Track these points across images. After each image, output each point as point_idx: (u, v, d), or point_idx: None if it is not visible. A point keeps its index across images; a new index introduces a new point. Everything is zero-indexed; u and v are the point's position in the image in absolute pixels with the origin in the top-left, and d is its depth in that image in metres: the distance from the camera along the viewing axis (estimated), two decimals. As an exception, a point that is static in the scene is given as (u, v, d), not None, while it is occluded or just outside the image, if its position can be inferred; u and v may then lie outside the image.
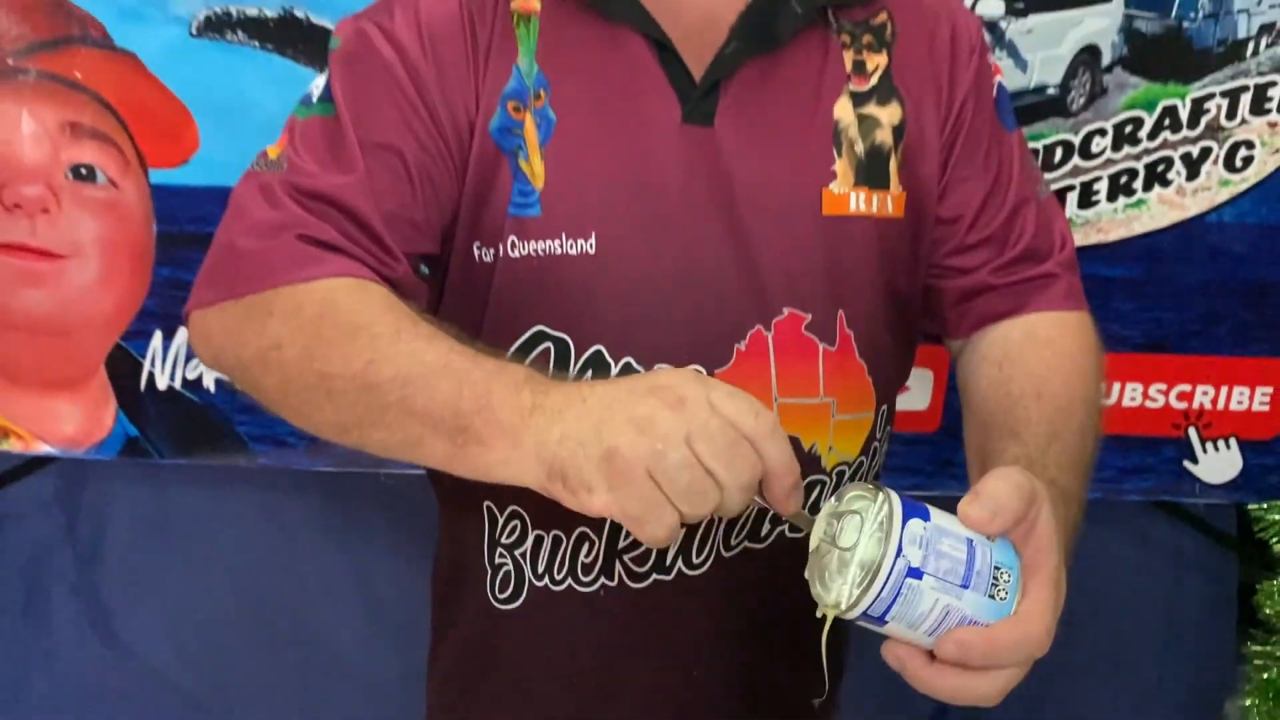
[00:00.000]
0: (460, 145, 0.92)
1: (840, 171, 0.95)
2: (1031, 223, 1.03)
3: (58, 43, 1.59)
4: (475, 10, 0.92)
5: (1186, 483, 1.85)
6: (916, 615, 0.68)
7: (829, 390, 0.97)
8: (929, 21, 1.00)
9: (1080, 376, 0.98)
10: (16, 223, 1.65)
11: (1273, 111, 1.66)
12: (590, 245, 0.92)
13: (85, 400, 1.75)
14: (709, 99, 0.93)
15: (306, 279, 0.85)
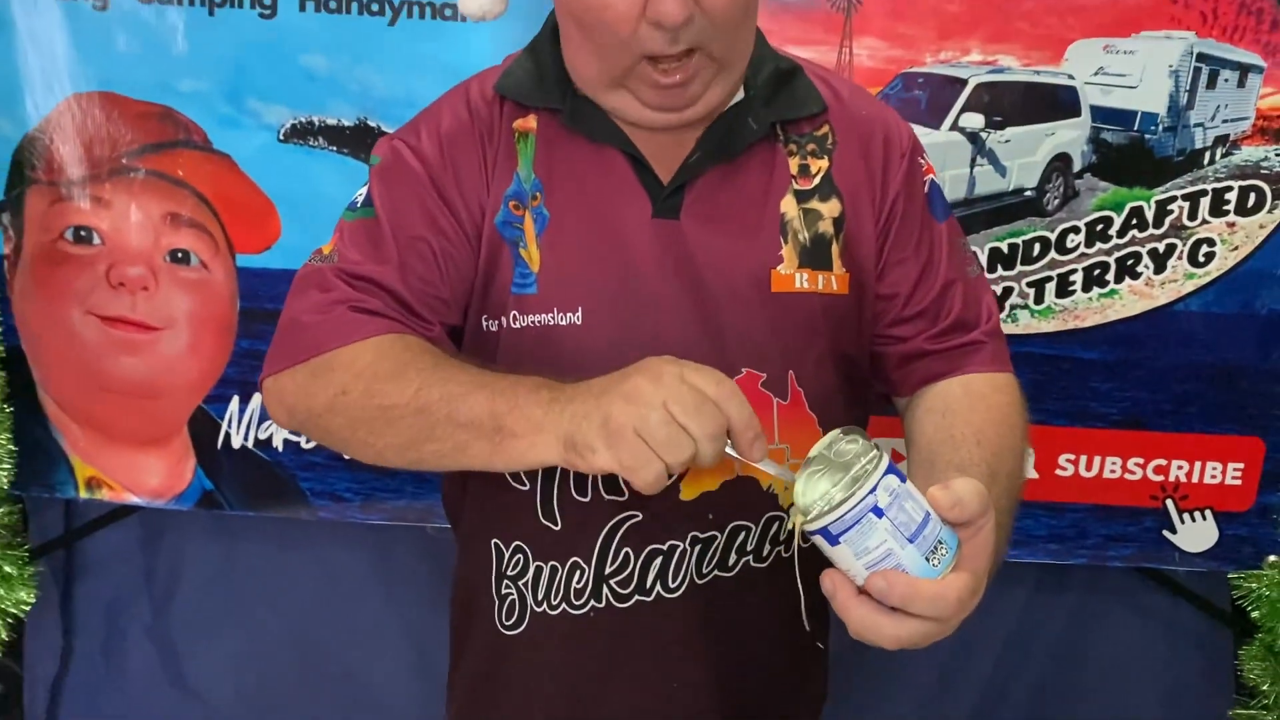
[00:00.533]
0: (474, 235, 1.08)
1: (786, 256, 1.10)
2: (959, 298, 1.16)
3: (165, 145, 1.84)
4: (484, 129, 1.10)
5: (1167, 551, 1.98)
6: (863, 547, 0.82)
7: (783, 438, 1.09)
8: (865, 131, 1.14)
9: (1010, 428, 1.11)
10: (120, 298, 1.88)
11: (1230, 213, 1.82)
12: (578, 317, 1.07)
13: (169, 456, 1.96)
14: (675, 197, 1.09)
15: (360, 338, 1.03)
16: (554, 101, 1.09)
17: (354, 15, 1.77)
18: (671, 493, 1.08)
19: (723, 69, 1.04)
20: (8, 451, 1.93)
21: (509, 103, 1.11)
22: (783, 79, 1.13)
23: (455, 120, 1.11)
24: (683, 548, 1.11)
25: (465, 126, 1.10)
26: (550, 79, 1.10)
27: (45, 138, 1.84)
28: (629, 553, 1.11)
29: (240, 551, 2.16)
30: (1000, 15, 1.74)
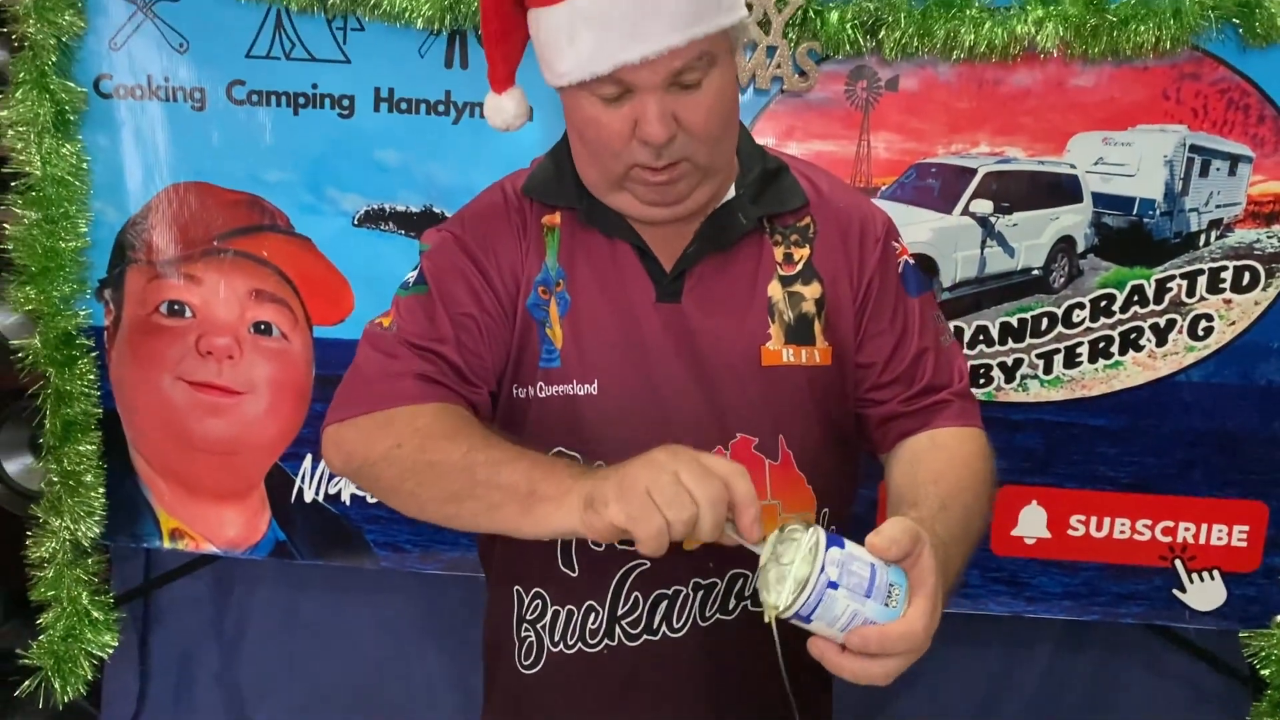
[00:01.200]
0: (511, 312, 1.22)
1: (774, 333, 1.23)
2: (931, 365, 1.28)
3: (252, 229, 2.03)
4: (519, 223, 1.25)
5: (1178, 609, 2.07)
6: (832, 616, 0.95)
7: (775, 494, 1.22)
8: (843, 221, 1.28)
9: (969, 470, 1.20)
10: (207, 365, 2.06)
11: (1226, 290, 1.95)
12: (594, 388, 1.21)
13: (246, 509, 2.11)
14: (677, 283, 1.23)
15: (421, 401, 1.16)
16: (572, 201, 1.24)
17: (422, 115, 1.96)
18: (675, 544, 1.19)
19: (707, 174, 1.19)
20: (101, 505, 2.11)
21: (536, 201, 1.26)
22: (769, 178, 1.27)
23: (494, 214, 1.26)
24: (686, 592, 1.24)
25: (502, 220, 1.25)
26: (568, 181, 1.25)
27: (145, 223, 2.03)
28: (638, 596, 1.24)
29: (304, 600, 2.30)
30: (1006, 111, 1.90)
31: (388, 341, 1.21)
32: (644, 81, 1.11)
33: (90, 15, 1.96)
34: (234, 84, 1.99)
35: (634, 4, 1.09)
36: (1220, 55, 1.86)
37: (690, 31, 1.10)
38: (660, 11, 1.08)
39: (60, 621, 2.13)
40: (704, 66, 1.13)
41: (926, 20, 1.84)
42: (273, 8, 1.94)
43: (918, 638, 0.98)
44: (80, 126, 2.00)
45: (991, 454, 1.28)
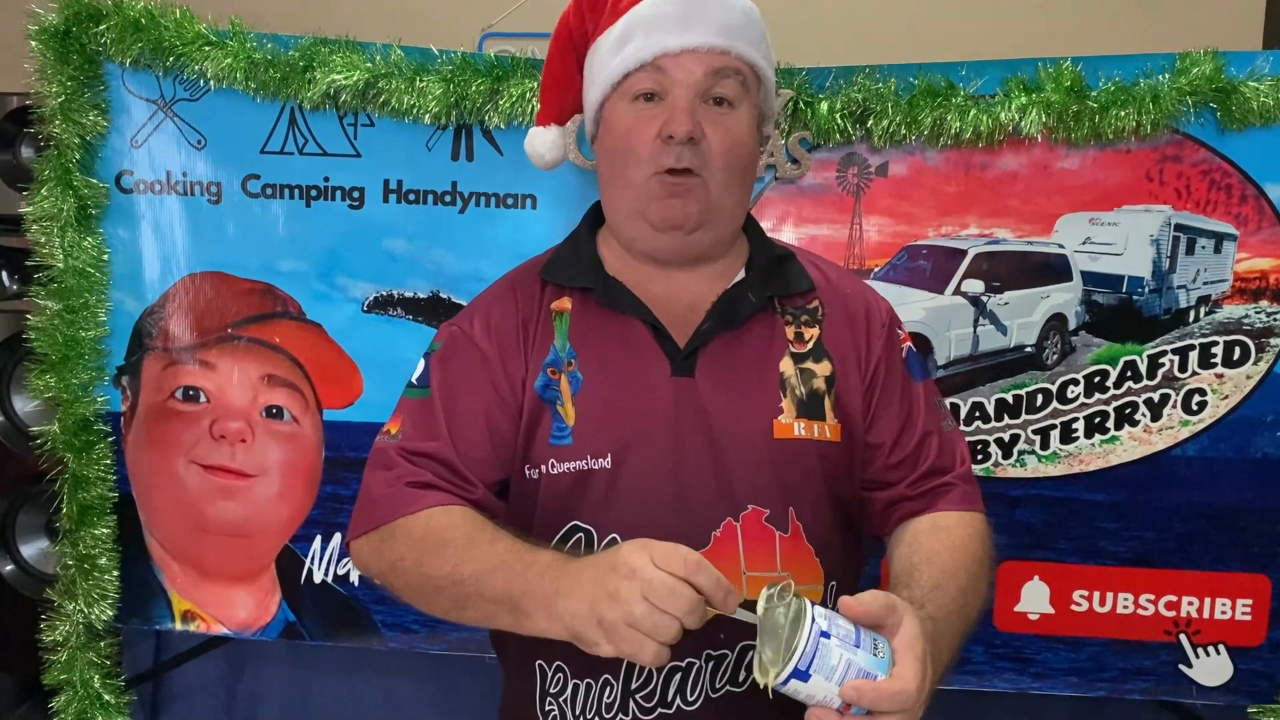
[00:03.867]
0: (515, 406, 1.26)
1: (785, 408, 1.26)
2: (935, 448, 1.32)
3: (265, 317, 2.09)
4: (526, 313, 1.30)
5: (1185, 685, 2.06)
6: (829, 667, 0.97)
7: (785, 566, 1.24)
8: (849, 306, 1.34)
9: (965, 552, 1.24)
10: (221, 449, 2.10)
11: (1218, 365, 1.98)
12: (607, 462, 1.23)
13: (257, 591, 2.14)
14: (690, 359, 1.26)
15: (415, 510, 1.20)
16: (589, 281, 1.30)
17: (429, 205, 2.04)
18: None
19: (716, 213, 1.25)
20: (115, 587, 2.14)
21: (550, 286, 1.32)
22: (777, 263, 1.34)
23: (501, 311, 1.31)
24: (698, 665, 1.25)
25: (510, 315, 1.31)
26: (586, 263, 1.32)
27: (163, 311, 2.09)
28: (652, 671, 1.25)
29: (315, 681, 2.31)
30: (994, 194, 1.96)
31: (388, 455, 1.27)
32: (680, 76, 1.22)
33: (113, 115, 2.05)
34: (249, 178, 2.06)
35: (685, 8, 1.23)
36: (1200, 138, 1.92)
37: (733, 41, 1.23)
38: (707, 18, 1.23)
39: (73, 705, 2.15)
40: (736, 88, 1.24)
41: (913, 109, 1.91)
42: (286, 106, 2.03)
43: (911, 696, 1.00)
44: (102, 220, 2.08)
45: (990, 536, 1.31)
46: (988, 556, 1.28)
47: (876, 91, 1.92)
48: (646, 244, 1.28)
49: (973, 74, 1.92)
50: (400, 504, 1.23)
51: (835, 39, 2.75)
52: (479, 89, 1.96)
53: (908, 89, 1.93)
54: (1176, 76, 1.88)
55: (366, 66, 1.97)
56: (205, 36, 1.99)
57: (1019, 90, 1.91)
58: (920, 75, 1.92)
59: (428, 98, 1.96)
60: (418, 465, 1.25)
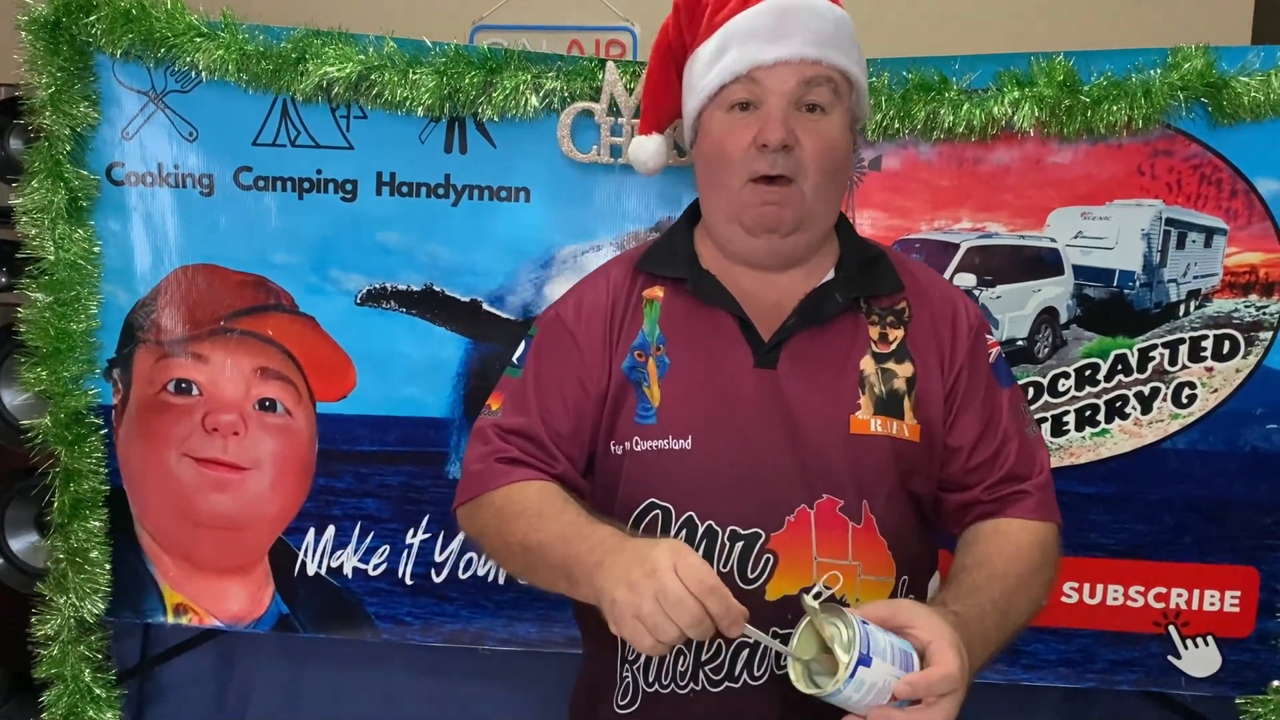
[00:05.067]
0: (601, 380, 1.35)
1: (864, 404, 1.31)
2: (1014, 453, 1.36)
3: (257, 309, 2.08)
4: (616, 296, 1.39)
5: (1174, 676, 2.08)
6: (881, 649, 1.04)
7: (856, 555, 1.29)
8: (937, 310, 1.38)
9: (1019, 558, 1.29)
10: (213, 442, 2.09)
11: (1207, 359, 1.99)
12: (688, 444, 1.30)
13: (251, 584, 2.14)
14: (774, 352, 1.32)
15: (499, 485, 1.33)
16: (682, 273, 1.37)
17: (422, 198, 2.03)
18: (758, 594, 1.29)
19: (810, 216, 1.31)
20: (106, 581, 2.13)
21: (644, 275, 1.40)
22: (868, 264, 1.38)
23: (594, 294, 1.41)
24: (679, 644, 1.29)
25: (601, 298, 1.40)
26: (681, 255, 1.40)
27: (154, 304, 2.08)
28: (721, 644, 1.31)
29: (307, 674, 2.31)
30: (987, 188, 1.97)
31: (485, 433, 1.39)
32: (775, 86, 1.28)
33: (104, 106, 2.04)
34: (241, 170, 2.06)
35: (777, 19, 1.29)
36: (1191, 132, 1.93)
37: (823, 51, 1.29)
38: (798, 30, 1.28)
39: (63, 700, 2.15)
40: (829, 95, 1.30)
41: (907, 103, 1.92)
42: (279, 98, 2.02)
43: (956, 678, 1.07)
44: (92, 212, 2.07)
45: (1056, 545, 1.36)
46: (1047, 564, 1.32)
47: (870, 85, 1.92)
48: (742, 246, 1.34)
49: (966, 68, 1.93)
50: (490, 478, 1.34)
51: (828, 33, 2.74)
52: (472, 81, 1.95)
53: (901, 83, 1.93)
54: (1168, 71, 1.89)
55: (359, 58, 1.96)
56: (196, 28, 1.98)
57: (1012, 84, 1.91)
58: (913, 69, 1.93)
59: (420, 90, 1.95)
60: (508, 442, 1.36)
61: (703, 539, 1.30)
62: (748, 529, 1.29)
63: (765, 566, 1.29)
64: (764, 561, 1.29)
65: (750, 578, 1.29)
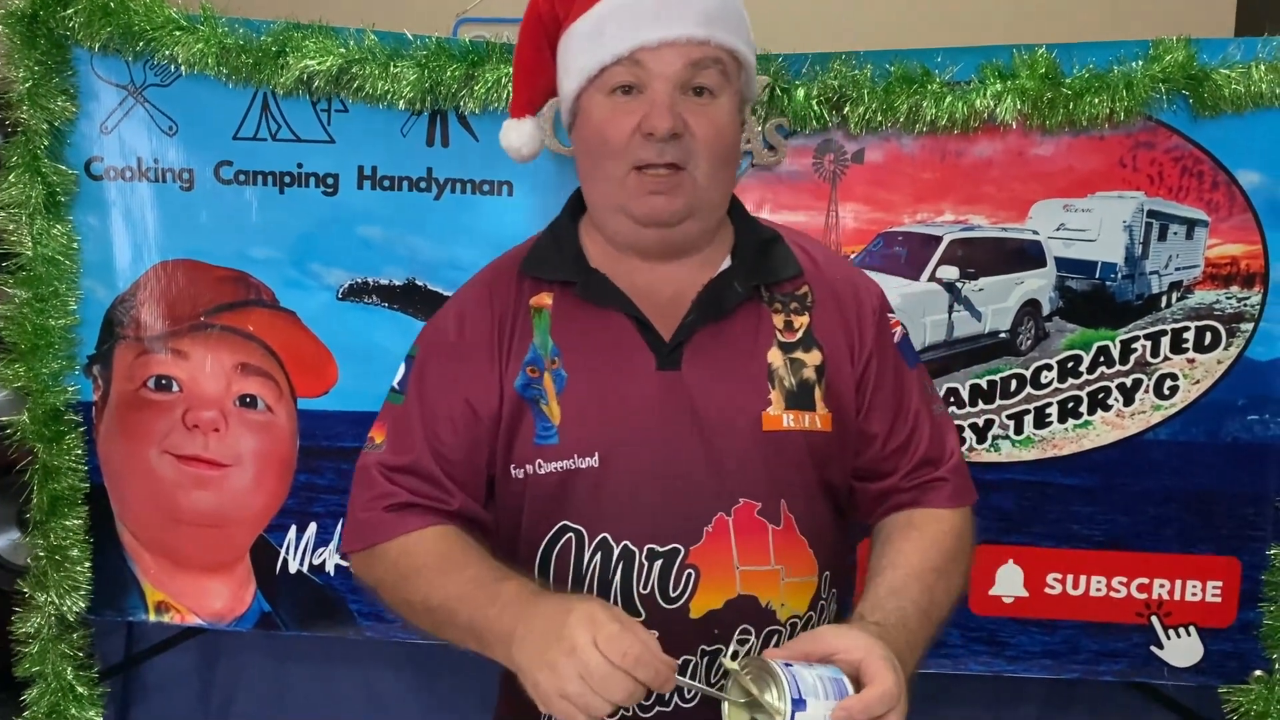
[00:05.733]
0: (493, 402, 1.25)
1: (774, 399, 1.23)
2: (927, 435, 1.31)
3: (238, 305, 2.07)
4: (503, 310, 1.27)
5: (1156, 666, 2.09)
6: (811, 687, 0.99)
7: (778, 559, 1.23)
8: (839, 291, 1.30)
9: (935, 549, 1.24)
10: (194, 439, 2.08)
11: (1189, 350, 2.00)
12: (595, 461, 1.21)
13: (232, 581, 2.12)
14: (676, 353, 1.23)
15: (392, 536, 1.23)
16: (570, 275, 1.27)
17: (404, 191, 2.02)
18: (682, 612, 1.22)
19: (701, 204, 1.22)
20: (87, 579, 2.12)
21: (528, 280, 1.29)
22: (764, 248, 1.30)
23: (477, 310, 1.29)
24: (694, 660, 1.24)
25: (485, 314, 1.28)
26: (568, 255, 1.29)
27: (134, 300, 2.07)
28: None
29: (290, 672, 2.30)
30: (969, 181, 1.97)
31: (370, 474, 1.29)
32: (660, 69, 1.18)
33: (82, 100, 2.03)
34: (221, 164, 2.04)
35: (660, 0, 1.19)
36: (1173, 125, 1.94)
37: (711, 31, 1.19)
38: (686, 6, 1.18)
39: (45, 698, 2.13)
40: (717, 77, 1.20)
41: (889, 95, 1.92)
42: (259, 91, 2.01)
43: (893, 694, 1.02)
44: (71, 207, 2.05)
45: (971, 527, 1.32)
46: (963, 551, 1.28)
47: (853, 78, 1.93)
48: (630, 238, 1.26)
49: (948, 61, 1.93)
50: (380, 529, 1.25)
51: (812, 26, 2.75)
52: (454, 74, 1.94)
53: (884, 76, 1.93)
54: (1150, 64, 1.89)
55: (340, 52, 1.95)
56: (175, 21, 1.96)
57: (994, 77, 1.91)
58: (896, 62, 1.93)
59: (402, 83, 1.94)
60: (396, 484, 1.26)
61: (619, 561, 1.23)
62: (666, 545, 1.22)
63: (687, 583, 1.23)
64: (685, 578, 1.22)
65: (672, 596, 1.23)
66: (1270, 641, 2.04)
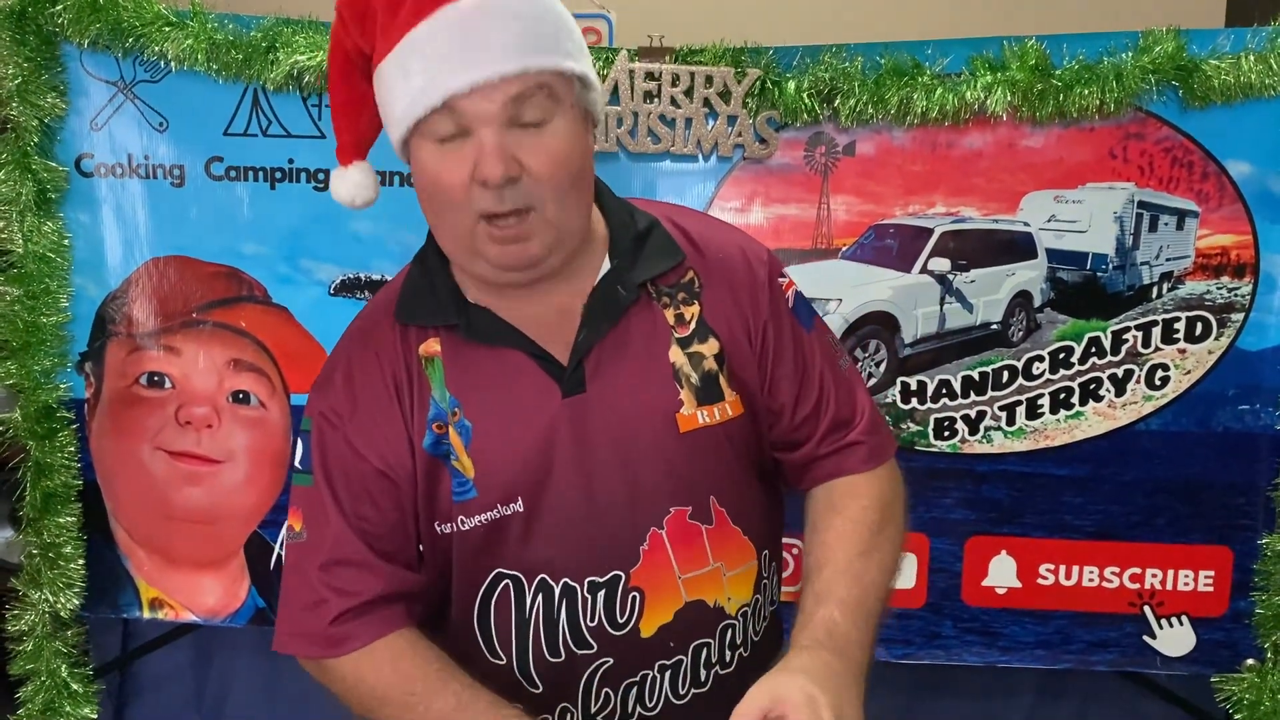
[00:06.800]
0: (405, 467, 1.19)
1: (685, 399, 1.20)
2: (834, 396, 1.28)
3: (230, 301, 2.06)
4: (394, 368, 1.20)
5: (1149, 656, 2.10)
6: None
7: (716, 557, 1.23)
8: (725, 268, 1.24)
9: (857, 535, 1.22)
10: (186, 435, 2.08)
11: (1180, 340, 2.01)
12: (519, 505, 1.18)
13: (226, 577, 2.13)
14: (577, 373, 1.18)
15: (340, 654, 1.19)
16: (450, 317, 1.19)
17: (395, 186, 2.00)
18: (633, 635, 1.22)
19: (560, 234, 1.13)
20: (81, 576, 2.11)
21: (411, 328, 1.20)
22: (640, 240, 1.23)
23: (364, 374, 1.22)
24: (653, 675, 1.25)
25: (374, 377, 1.21)
26: (443, 294, 1.20)
27: (126, 296, 2.06)
28: (609, 691, 1.24)
29: (285, 668, 2.29)
30: (959, 173, 1.97)
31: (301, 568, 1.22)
32: (479, 114, 1.07)
33: (72, 97, 2.02)
34: (212, 160, 2.04)
35: (462, 33, 1.07)
36: (1163, 115, 1.94)
37: (524, 61, 1.07)
38: (490, 42, 1.07)
39: (40, 695, 2.13)
40: (545, 103, 1.09)
41: (880, 88, 1.92)
42: (250, 87, 2.00)
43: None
44: (61, 204, 2.04)
45: (894, 486, 1.30)
46: (889, 517, 1.26)
47: (843, 71, 1.93)
48: (495, 279, 1.17)
49: (939, 53, 1.93)
50: (325, 644, 1.20)
51: (802, 18, 2.76)
52: (444, 69, 1.94)
53: (874, 68, 1.93)
54: (1139, 55, 1.90)
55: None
56: (165, 17, 1.96)
57: (984, 69, 1.92)
58: (887, 54, 1.93)
59: (392, 78, 1.94)
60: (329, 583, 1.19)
61: (562, 598, 1.21)
62: (606, 575, 1.20)
63: (633, 606, 1.22)
64: (631, 601, 1.21)
65: (620, 622, 1.22)
66: (1262, 630, 2.05)
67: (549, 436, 1.18)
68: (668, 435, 1.20)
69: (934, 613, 2.10)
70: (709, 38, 1.94)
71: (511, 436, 1.19)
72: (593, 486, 1.19)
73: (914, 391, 2.04)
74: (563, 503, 1.19)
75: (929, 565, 2.09)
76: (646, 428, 1.20)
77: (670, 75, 1.94)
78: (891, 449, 1.33)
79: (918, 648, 2.10)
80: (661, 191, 2.00)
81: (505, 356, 1.19)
